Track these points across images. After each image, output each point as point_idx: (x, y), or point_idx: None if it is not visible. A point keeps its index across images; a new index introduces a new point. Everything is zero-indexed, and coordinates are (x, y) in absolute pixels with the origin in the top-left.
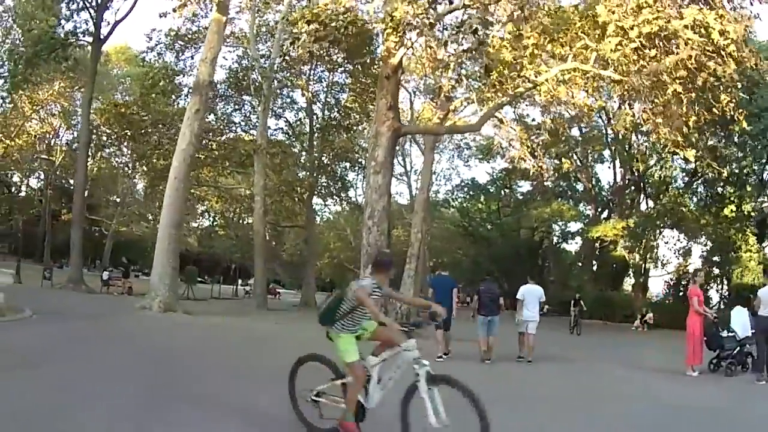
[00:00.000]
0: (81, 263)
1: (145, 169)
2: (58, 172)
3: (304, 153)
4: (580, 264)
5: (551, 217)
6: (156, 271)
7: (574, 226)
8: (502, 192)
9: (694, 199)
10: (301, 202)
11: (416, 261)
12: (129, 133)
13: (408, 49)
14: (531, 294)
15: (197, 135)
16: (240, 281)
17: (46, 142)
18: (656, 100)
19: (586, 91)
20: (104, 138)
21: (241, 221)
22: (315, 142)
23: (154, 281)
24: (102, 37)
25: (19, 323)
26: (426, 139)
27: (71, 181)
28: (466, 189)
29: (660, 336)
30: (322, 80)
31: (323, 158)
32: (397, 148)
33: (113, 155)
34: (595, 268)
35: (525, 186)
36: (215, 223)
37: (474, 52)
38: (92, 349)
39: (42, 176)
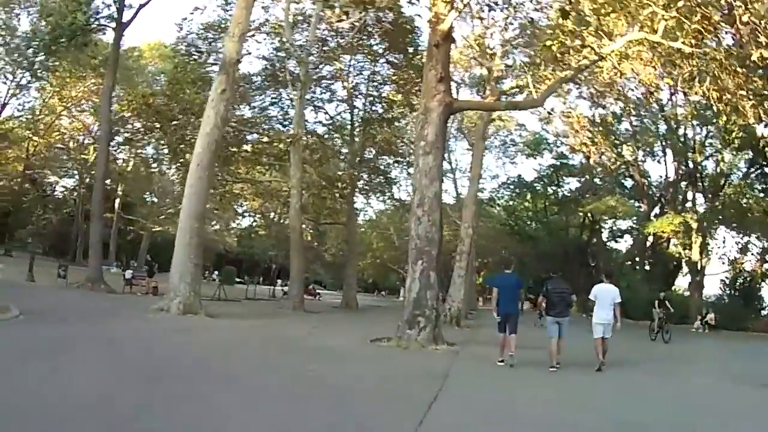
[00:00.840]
0: (100, 261)
1: (178, 164)
2: (92, 171)
3: (345, 147)
4: (629, 262)
5: (605, 213)
6: (176, 268)
7: (623, 224)
8: (549, 189)
9: (756, 191)
10: (342, 198)
11: (467, 258)
12: (158, 125)
13: (459, 13)
14: (605, 294)
15: (223, 117)
16: (279, 282)
17: (79, 140)
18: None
19: (654, 67)
20: (132, 131)
21: (281, 221)
22: (356, 136)
23: (173, 280)
24: (125, 21)
25: None
26: (476, 127)
27: (109, 183)
28: (512, 187)
29: (728, 338)
30: (363, 71)
31: (365, 153)
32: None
33: (143, 149)
34: (647, 267)
35: (572, 183)
36: (255, 223)
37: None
38: (61, 361)
39: (77, 175)
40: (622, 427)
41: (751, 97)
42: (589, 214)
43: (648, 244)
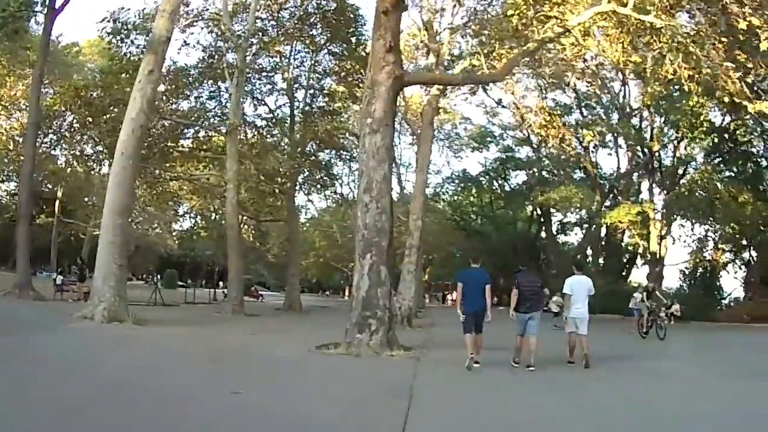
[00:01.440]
0: (28, 266)
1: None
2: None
3: (285, 140)
4: (580, 255)
5: (559, 204)
6: (99, 271)
7: (572, 217)
8: (495, 183)
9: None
10: (282, 194)
11: (417, 253)
12: (90, 119)
13: None
14: (580, 287)
15: (150, 101)
16: (221, 284)
17: (18, 141)
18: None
19: (622, 44)
20: (66, 127)
21: (222, 221)
22: (297, 130)
23: (97, 284)
24: (57, 7)
25: None
26: (424, 111)
27: (48, 185)
28: (456, 181)
29: (700, 329)
30: (304, 62)
31: (306, 146)
32: None
33: (78, 146)
34: (600, 260)
35: (519, 176)
36: (196, 225)
37: None
38: None
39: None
40: None
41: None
42: (537, 208)
43: (601, 236)
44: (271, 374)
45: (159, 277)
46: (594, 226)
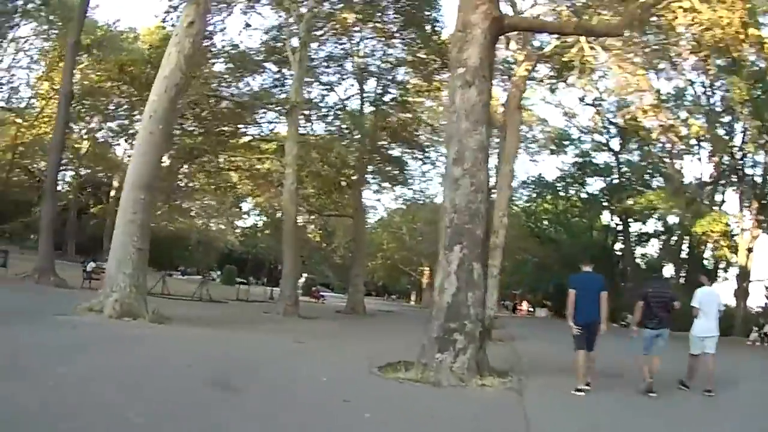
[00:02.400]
0: (51, 249)
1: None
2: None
3: (352, 131)
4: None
5: (645, 210)
6: (113, 255)
7: (650, 227)
8: (571, 189)
9: None
10: (349, 188)
11: (501, 255)
12: (137, 95)
13: None
14: (710, 300)
15: (188, 57)
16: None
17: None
18: None
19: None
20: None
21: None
22: (366, 120)
23: (110, 271)
24: None
25: None
26: (510, 96)
27: (106, 173)
28: (532, 186)
29: None
30: (375, 52)
31: (376, 138)
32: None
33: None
34: (683, 273)
35: (596, 183)
36: (259, 221)
37: None
38: None
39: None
40: None
41: None
42: (615, 216)
43: (682, 248)
44: (304, 414)
45: (217, 272)
46: (676, 237)
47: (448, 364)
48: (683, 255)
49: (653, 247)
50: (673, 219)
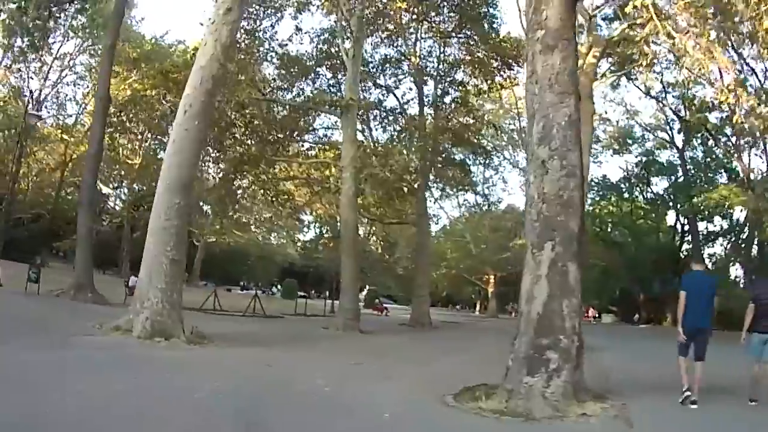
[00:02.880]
0: (89, 263)
1: (217, 154)
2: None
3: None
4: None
5: (715, 207)
6: (145, 267)
7: (717, 226)
8: (635, 190)
9: None
10: (411, 194)
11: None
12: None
13: None
14: None
15: (226, 47)
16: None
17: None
18: None
19: None
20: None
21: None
22: (427, 123)
23: (141, 284)
24: None
25: None
26: (581, 85)
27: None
28: (596, 188)
29: None
30: (432, 53)
31: (437, 142)
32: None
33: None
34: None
35: (660, 184)
36: (320, 234)
37: None
38: None
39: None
40: None
41: None
42: (682, 216)
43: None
44: None
45: (278, 286)
46: (746, 233)
47: (540, 389)
48: (753, 253)
49: (722, 247)
50: (741, 215)
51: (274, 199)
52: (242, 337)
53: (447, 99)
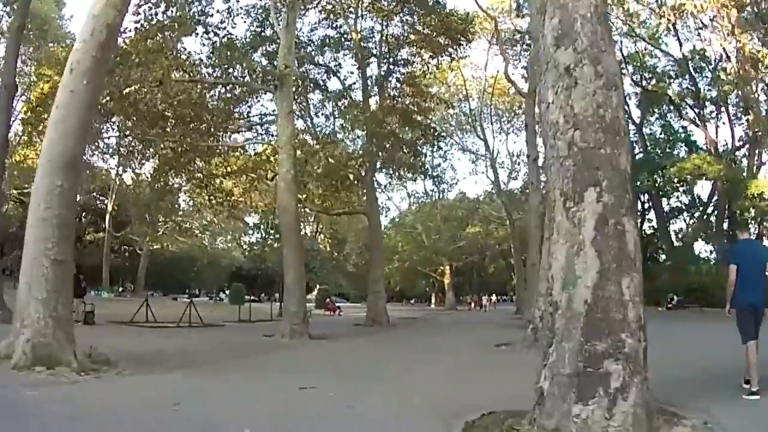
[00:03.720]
0: None
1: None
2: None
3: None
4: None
5: (689, 175)
6: (24, 272)
7: (681, 202)
8: None
9: None
10: (358, 181)
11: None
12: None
13: None
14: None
15: None
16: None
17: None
18: None
19: None
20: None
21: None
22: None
23: (20, 296)
24: None
25: None
26: None
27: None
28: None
29: None
30: (374, 31)
31: (384, 124)
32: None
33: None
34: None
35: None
36: (266, 234)
37: None
38: None
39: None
40: None
41: None
42: (642, 194)
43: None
44: None
45: (224, 291)
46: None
47: (601, 422)
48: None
49: (685, 221)
50: (703, 190)
51: (211, 198)
52: (163, 356)
53: (392, 79)
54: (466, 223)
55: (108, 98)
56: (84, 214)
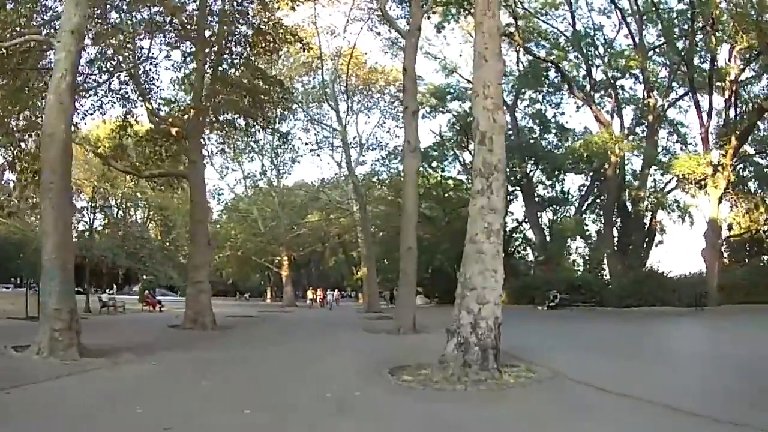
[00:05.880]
0: None
1: None
2: None
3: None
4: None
5: (595, 154)
6: None
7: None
8: (449, 157)
9: None
10: (183, 139)
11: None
12: None
13: None
14: None
15: None
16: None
17: None
18: None
19: None
20: None
21: (128, 217)
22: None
23: None
24: None
25: None
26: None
27: None
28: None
29: None
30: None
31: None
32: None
33: None
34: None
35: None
36: (95, 220)
37: None
38: None
39: None
40: None
41: None
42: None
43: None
44: None
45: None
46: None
47: None
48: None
49: (551, 213)
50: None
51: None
52: None
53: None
54: (306, 211)
55: None
56: None
